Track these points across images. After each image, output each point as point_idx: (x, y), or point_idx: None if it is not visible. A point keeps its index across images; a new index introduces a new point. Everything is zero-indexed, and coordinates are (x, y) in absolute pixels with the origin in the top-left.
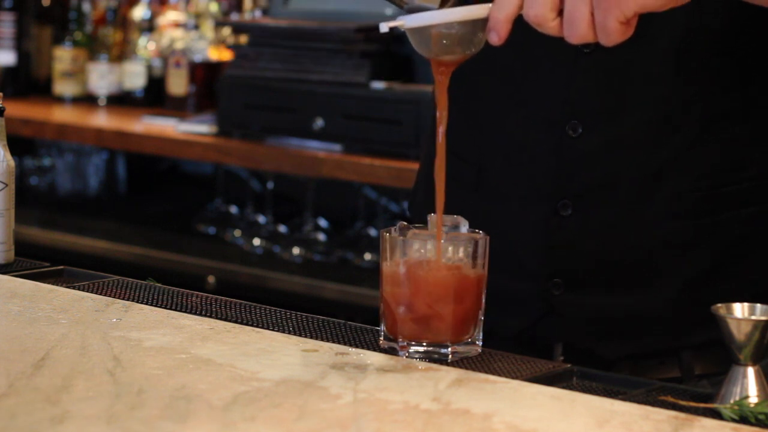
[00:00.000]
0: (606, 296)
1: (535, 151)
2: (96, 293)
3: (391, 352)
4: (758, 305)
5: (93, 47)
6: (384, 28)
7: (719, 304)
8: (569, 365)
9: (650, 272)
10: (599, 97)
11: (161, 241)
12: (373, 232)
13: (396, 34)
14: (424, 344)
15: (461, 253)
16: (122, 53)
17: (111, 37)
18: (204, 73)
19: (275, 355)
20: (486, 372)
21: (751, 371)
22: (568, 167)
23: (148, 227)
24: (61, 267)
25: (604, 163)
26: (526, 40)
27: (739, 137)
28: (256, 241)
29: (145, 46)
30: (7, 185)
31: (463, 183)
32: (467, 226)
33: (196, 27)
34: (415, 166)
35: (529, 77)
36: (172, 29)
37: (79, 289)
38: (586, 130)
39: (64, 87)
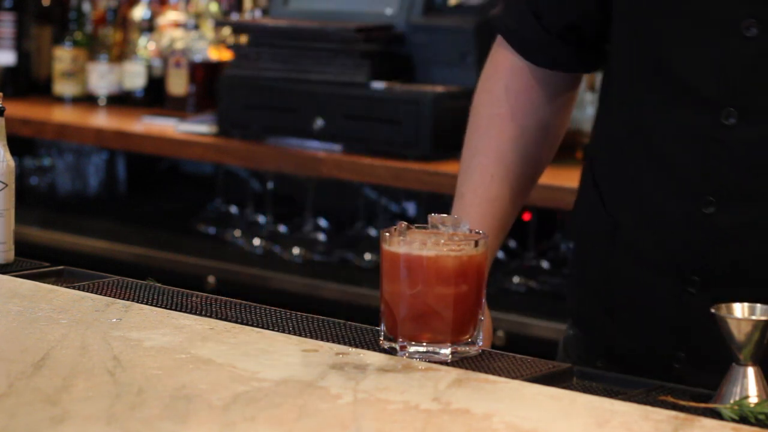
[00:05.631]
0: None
1: (668, 220)
2: (96, 293)
3: (391, 352)
4: (758, 305)
5: (93, 47)
6: None
7: (719, 304)
8: (569, 365)
9: None
10: (738, 173)
11: (161, 241)
12: (373, 232)
13: (396, 34)
14: (424, 344)
15: (462, 252)
16: (122, 53)
17: (111, 37)
18: (204, 73)
19: (275, 355)
20: (486, 372)
21: (751, 371)
22: (700, 243)
23: (148, 227)
24: (61, 267)
25: (739, 243)
26: (670, 104)
27: None
28: (256, 241)
29: (145, 46)
30: (7, 185)
31: (599, 234)
32: (468, 226)
33: (196, 27)
34: (415, 166)
35: (668, 143)
36: (172, 29)
37: (79, 289)
38: (721, 207)
39: (64, 87)
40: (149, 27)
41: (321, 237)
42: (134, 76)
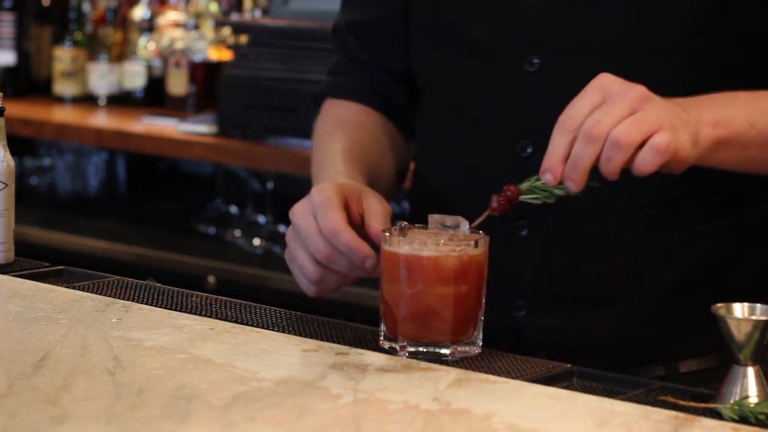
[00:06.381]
0: (571, 317)
1: (488, 172)
2: (96, 293)
3: (391, 352)
4: (758, 305)
5: (93, 47)
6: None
7: (719, 304)
8: (569, 365)
9: (615, 290)
10: (550, 116)
11: (161, 241)
12: None
13: None
14: (424, 344)
15: (462, 252)
16: (122, 53)
17: (111, 37)
18: (204, 73)
19: (275, 355)
20: (486, 372)
21: (751, 371)
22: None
23: (148, 227)
24: (61, 267)
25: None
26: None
27: None
28: (256, 241)
29: (145, 46)
30: (7, 185)
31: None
32: (468, 226)
33: (196, 27)
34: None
35: (477, 97)
36: (172, 29)
37: (79, 289)
38: (537, 148)
39: (64, 87)
40: (149, 27)
41: None
42: (134, 76)
